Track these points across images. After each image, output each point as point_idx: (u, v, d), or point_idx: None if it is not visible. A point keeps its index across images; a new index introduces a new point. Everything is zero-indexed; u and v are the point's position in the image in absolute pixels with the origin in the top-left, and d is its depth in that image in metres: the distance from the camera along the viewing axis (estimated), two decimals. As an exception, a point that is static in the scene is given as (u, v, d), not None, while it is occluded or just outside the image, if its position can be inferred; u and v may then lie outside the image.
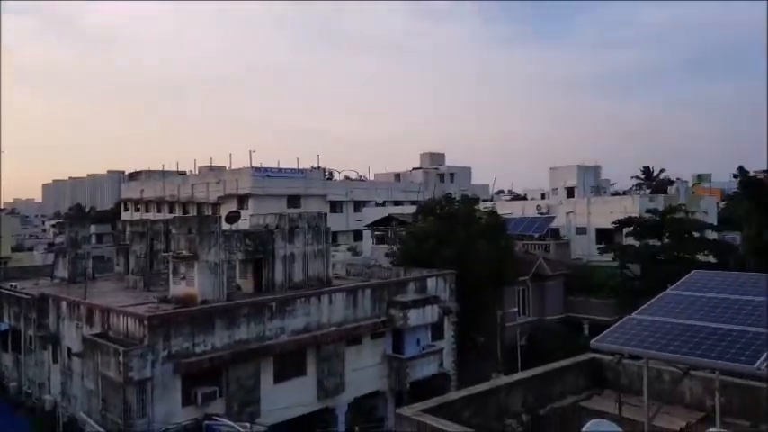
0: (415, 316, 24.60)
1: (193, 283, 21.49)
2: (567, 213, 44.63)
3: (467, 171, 73.04)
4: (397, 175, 71.89)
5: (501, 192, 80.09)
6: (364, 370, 23.99)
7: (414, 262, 30.27)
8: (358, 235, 53.09)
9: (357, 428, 23.51)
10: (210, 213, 45.92)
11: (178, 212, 55.72)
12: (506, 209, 46.64)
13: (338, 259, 39.89)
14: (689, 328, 8.57)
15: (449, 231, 30.83)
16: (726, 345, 7.84)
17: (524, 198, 60.70)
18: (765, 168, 39.42)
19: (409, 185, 65.15)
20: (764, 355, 7.29)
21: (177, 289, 22.15)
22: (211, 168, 61.22)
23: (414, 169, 71.78)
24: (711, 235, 36.81)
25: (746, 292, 9.44)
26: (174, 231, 23.40)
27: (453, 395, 11.56)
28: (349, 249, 51.71)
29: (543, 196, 58.31)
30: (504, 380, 12.40)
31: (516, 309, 33.11)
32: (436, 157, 74.15)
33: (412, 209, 41.01)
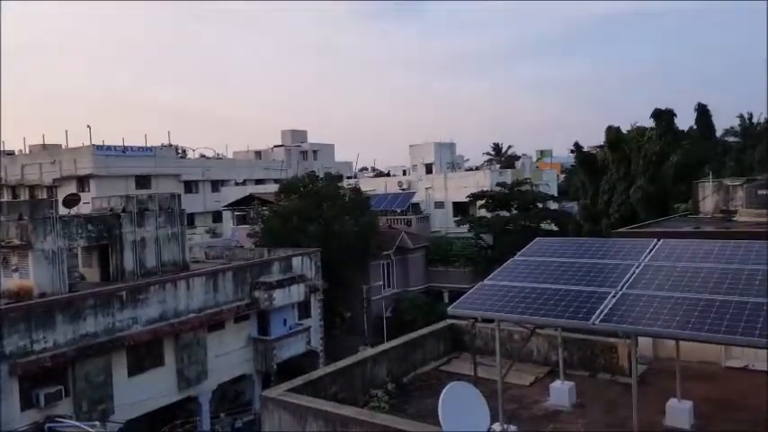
0: (280, 296, 24.22)
1: (28, 275, 19.30)
2: (427, 189, 46.46)
3: (330, 148, 72.83)
4: (258, 153, 69.70)
5: (364, 169, 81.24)
6: (228, 355, 23.25)
7: (278, 241, 29.77)
8: (217, 216, 50.91)
9: (223, 415, 22.82)
10: (45, 197, 41.24)
11: (6, 197, 49.45)
12: (370, 185, 47.46)
13: (196, 242, 38.13)
14: (534, 290, 9.19)
15: (313, 209, 30.68)
16: (566, 304, 8.52)
17: (387, 175, 62.08)
18: (598, 144, 43.86)
19: (271, 163, 63.56)
20: (597, 312, 8.04)
21: (9, 282, 19.80)
22: (45, 147, 54.66)
23: (275, 147, 70.02)
24: (553, 205, 40.35)
25: (582, 255, 10.33)
26: (1, 218, 20.75)
27: (320, 372, 11.52)
28: (208, 231, 49.56)
29: (405, 173, 60.09)
30: (369, 352, 12.59)
31: (381, 282, 33.95)
32: (298, 135, 72.94)
33: (274, 187, 40.18)
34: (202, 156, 62.93)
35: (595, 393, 10.86)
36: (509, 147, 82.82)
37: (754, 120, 39.98)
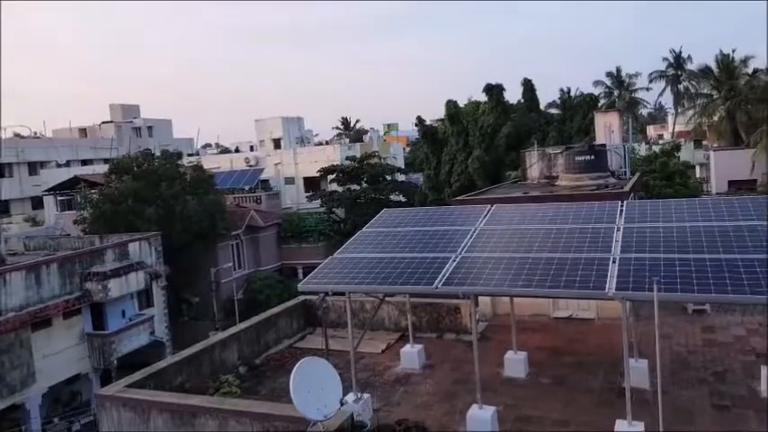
0: (116, 286, 22.35)
1: None
2: (276, 164, 45.45)
3: (167, 124, 67.55)
4: (83, 131, 62.75)
5: (208, 145, 77.29)
6: (59, 354, 21.04)
7: (111, 227, 27.30)
8: (38, 202, 45.40)
9: (56, 419, 20.70)
10: None
11: None
12: (214, 163, 45.29)
13: (13, 233, 33.83)
14: (382, 260, 9.34)
15: (150, 190, 28.50)
16: (411, 271, 8.75)
17: (236, 151, 59.57)
18: (439, 118, 45.86)
19: (99, 142, 57.76)
20: (440, 276, 8.37)
21: None
22: None
23: (103, 123, 63.60)
24: (401, 177, 41.66)
25: (425, 224, 10.70)
26: None
27: (163, 363, 10.77)
28: (27, 220, 44.10)
29: (252, 148, 58.20)
30: (218, 336, 12.04)
31: (231, 263, 32.75)
32: (129, 110, 66.46)
33: (104, 168, 36.66)
34: (16, 135, 55.52)
35: (443, 353, 11.41)
36: (357, 121, 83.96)
37: (572, 93, 44.33)
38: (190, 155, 51.54)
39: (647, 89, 65.25)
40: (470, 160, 38.68)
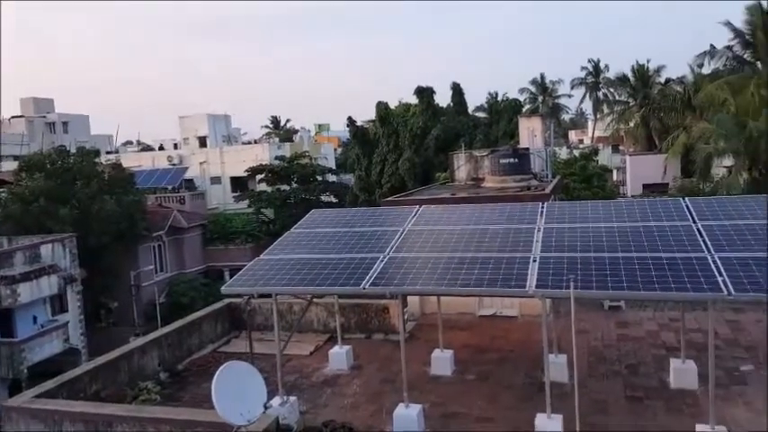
0: (26, 291, 21.01)
1: None
2: (201, 163, 44.12)
3: (84, 120, 63.85)
4: (-10, 125, 58.62)
5: (129, 143, 73.93)
6: (-39, 366, 19.51)
7: (21, 228, 25.60)
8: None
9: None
10: None
11: None
12: (135, 161, 43.46)
13: None
14: (309, 261, 9.23)
15: (64, 189, 26.95)
16: (339, 272, 8.70)
17: (161, 149, 57.16)
18: (370, 119, 46.04)
19: (9, 137, 54.04)
20: (368, 277, 8.36)
21: None
22: None
23: (13, 117, 59.52)
24: (332, 177, 41.49)
25: (354, 224, 10.67)
26: None
27: (78, 370, 10.19)
28: None
29: (176, 146, 56.17)
30: (137, 342, 11.52)
31: (153, 266, 31.49)
32: (42, 104, 62.35)
33: (14, 165, 34.35)
34: None
35: (371, 353, 11.42)
36: (287, 120, 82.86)
37: (499, 97, 45.68)
38: (109, 152, 49.19)
39: (570, 96, 68.38)
40: (401, 162, 39.11)
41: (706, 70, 39.61)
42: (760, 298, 6.74)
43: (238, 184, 42.45)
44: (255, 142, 58.19)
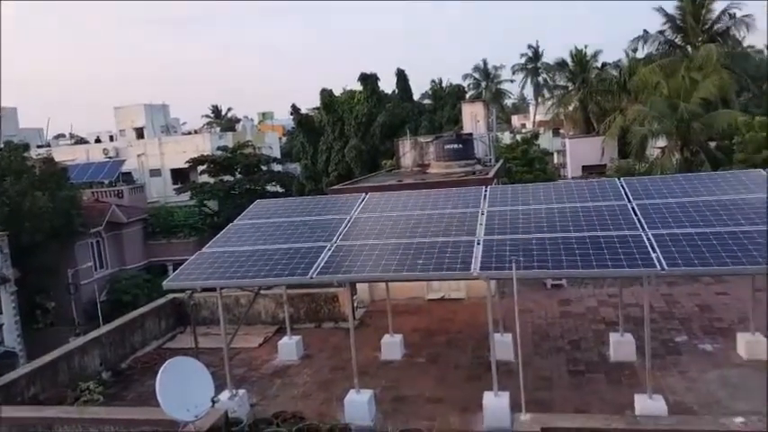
0: (-46, 294, 19.81)
1: None
2: (139, 155, 42.64)
3: (11, 113, 60.64)
4: None
5: (61, 135, 70.53)
6: None
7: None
8: None
9: None
10: None
11: None
12: (68, 155, 41.63)
13: None
14: (255, 252, 9.08)
15: (-8, 186, 25.53)
16: (286, 262, 8.60)
17: (95, 141, 54.70)
18: (314, 107, 45.50)
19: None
20: (315, 266, 8.30)
21: None
22: None
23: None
24: (277, 167, 40.86)
25: (300, 214, 10.55)
26: None
27: (14, 374, 9.74)
28: None
29: (112, 138, 53.96)
30: (77, 342, 11.09)
31: (92, 263, 30.31)
32: (-35, 97, 59.09)
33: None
34: None
35: (321, 342, 11.40)
36: (229, 109, 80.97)
37: (444, 84, 46.01)
38: (40, 146, 46.79)
39: (511, 81, 69.67)
40: (347, 149, 38.94)
41: (640, 54, 41.26)
42: (690, 271, 7.10)
43: (179, 175, 41.28)
44: (196, 132, 56.59)
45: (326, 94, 40.90)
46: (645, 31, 39.75)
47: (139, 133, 49.60)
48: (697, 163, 29.21)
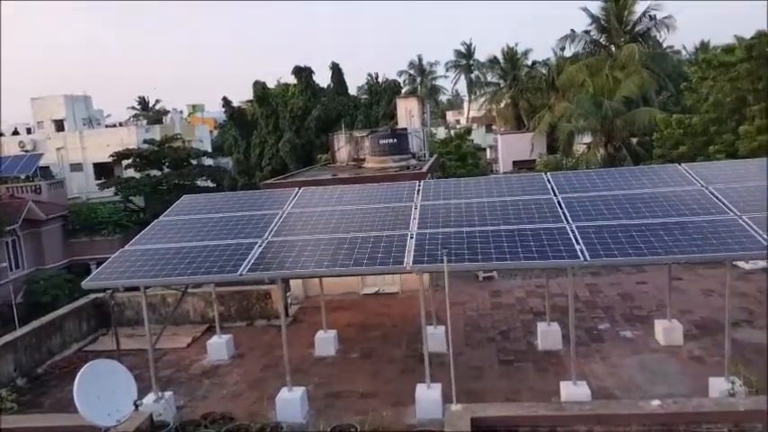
0: None
1: None
2: (58, 149, 40.33)
3: None
4: None
5: (-29, 128, 65.70)
6: None
7: None
8: None
9: None
10: None
11: None
12: (-21, 148, 38.77)
13: None
14: (181, 249, 8.74)
15: None
16: (214, 259, 8.33)
17: (13, 134, 51.24)
18: (247, 99, 44.45)
19: None
20: (245, 263, 8.08)
21: None
22: None
23: None
24: (208, 161, 39.65)
25: (230, 209, 10.23)
26: None
27: None
28: None
29: (29, 131, 50.74)
30: (-11, 348, 10.34)
31: (6, 264, 28.42)
32: None
33: None
34: None
35: (253, 341, 11.16)
36: (157, 101, 77.85)
37: (380, 79, 46.00)
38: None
39: (446, 77, 70.62)
40: (281, 143, 38.34)
41: (568, 53, 42.83)
42: (611, 262, 7.39)
43: (103, 170, 39.28)
44: (121, 125, 54.09)
45: (260, 87, 40.08)
46: (572, 30, 41.29)
47: (59, 126, 46.79)
48: (620, 158, 30.66)
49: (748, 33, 22.88)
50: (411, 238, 8.24)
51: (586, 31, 40.77)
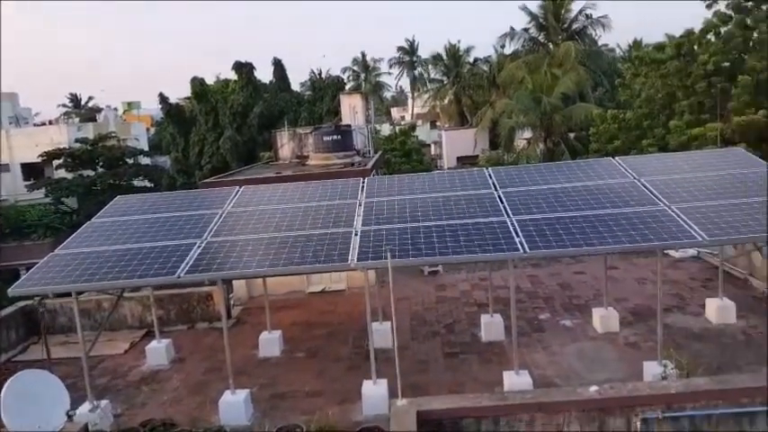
0: None
1: None
2: (-17, 149, 37.96)
3: None
4: None
5: None
6: None
7: None
8: None
9: None
10: None
11: None
12: None
13: None
14: (115, 252, 8.39)
15: None
16: (151, 262, 8.03)
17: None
18: (185, 96, 43.19)
19: None
20: (183, 264, 7.83)
21: None
22: None
23: None
24: (145, 160, 38.27)
25: (166, 210, 9.90)
26: None
27: None
28: None
29: (-51, 130, 47.58)
30: None
31: (-74, 271, 26.62)
32: None
33: None
34: None
35: (194, 344, 10.85)
36: (90, 98, 74.66)
37: (323, 75, 45.60)
38: None
39: (389, 74, 70.76)
40: (222, 141, 37.50)
41: (508, 51, 43.73)
42: (549, 254, 7.58)
43: (32, 171, 37.27)
44: (50, 123, 51.54)
45: (197, 83, 39.02)
46: (512, 28, 42.17)
47: (-18, 124, 44.09)
48: (558, 153, 31.59)
49: (678, 32, 23.93)
50: (356, 235, 8.20)
51: (525, 29, 41.76)
